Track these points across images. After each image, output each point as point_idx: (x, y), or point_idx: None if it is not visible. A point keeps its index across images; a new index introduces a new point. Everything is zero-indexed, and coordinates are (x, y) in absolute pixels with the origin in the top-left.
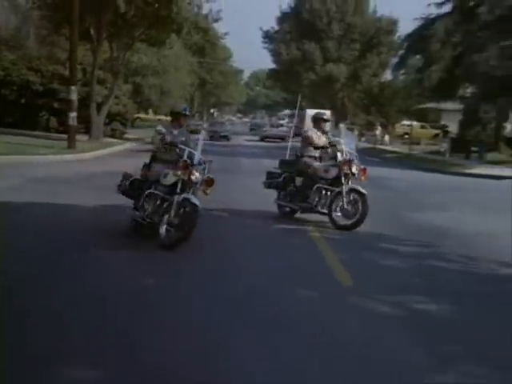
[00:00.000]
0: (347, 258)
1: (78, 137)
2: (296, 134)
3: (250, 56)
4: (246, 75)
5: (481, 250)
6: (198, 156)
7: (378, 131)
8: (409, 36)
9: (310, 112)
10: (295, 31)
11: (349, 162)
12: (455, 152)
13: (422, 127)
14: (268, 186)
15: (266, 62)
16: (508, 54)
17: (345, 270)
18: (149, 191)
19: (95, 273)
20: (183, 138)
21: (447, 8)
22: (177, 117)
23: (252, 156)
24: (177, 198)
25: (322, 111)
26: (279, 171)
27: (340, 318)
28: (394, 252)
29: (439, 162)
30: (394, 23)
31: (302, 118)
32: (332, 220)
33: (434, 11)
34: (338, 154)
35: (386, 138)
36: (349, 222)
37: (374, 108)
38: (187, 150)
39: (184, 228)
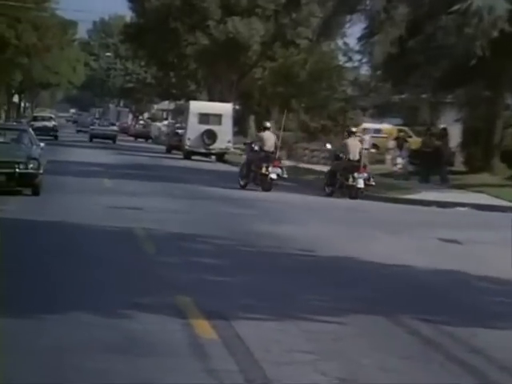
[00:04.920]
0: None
1: None
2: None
3: None
4: (82, 32)
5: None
6: None
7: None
8: None
9: (195, 105)
10: None
11: None
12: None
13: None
14: None
15: (122, 8)
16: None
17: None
18: None
19: None
20: None
21: None
22: None
23: None
24: None
25: (213, 105)
26: None
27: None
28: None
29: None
30: None
31: (184, 114)
32: None
33: None
34: None
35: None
36: None
37: (300, 100)
38: None
39: None
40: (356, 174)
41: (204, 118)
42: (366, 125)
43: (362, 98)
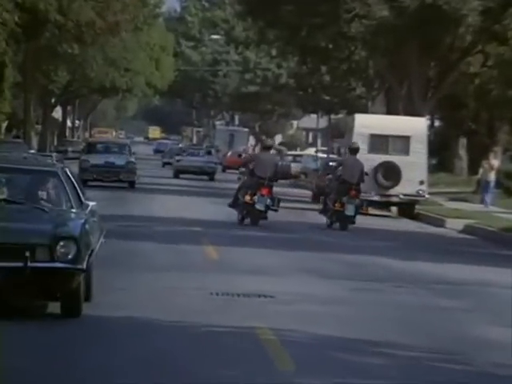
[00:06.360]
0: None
1: None
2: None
3: None
4: (171, 1)
5: None
6: None
7: None
8: None
9: (364, 121)
10: None
11: None
12: None
13: None
14: None
15: None
16: None
17: None
18: None
19: None
20: None
21: None
22: None
23: None
24: None
25: (395, 120)
26: None
27: None
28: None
29: None
30: None
31: (346, 136)
32: None
33: None
34: None
35: None
36: None
37: None
38: None
39: None
40: (345, 198)
41: (379, 142)
42: None
43: None
